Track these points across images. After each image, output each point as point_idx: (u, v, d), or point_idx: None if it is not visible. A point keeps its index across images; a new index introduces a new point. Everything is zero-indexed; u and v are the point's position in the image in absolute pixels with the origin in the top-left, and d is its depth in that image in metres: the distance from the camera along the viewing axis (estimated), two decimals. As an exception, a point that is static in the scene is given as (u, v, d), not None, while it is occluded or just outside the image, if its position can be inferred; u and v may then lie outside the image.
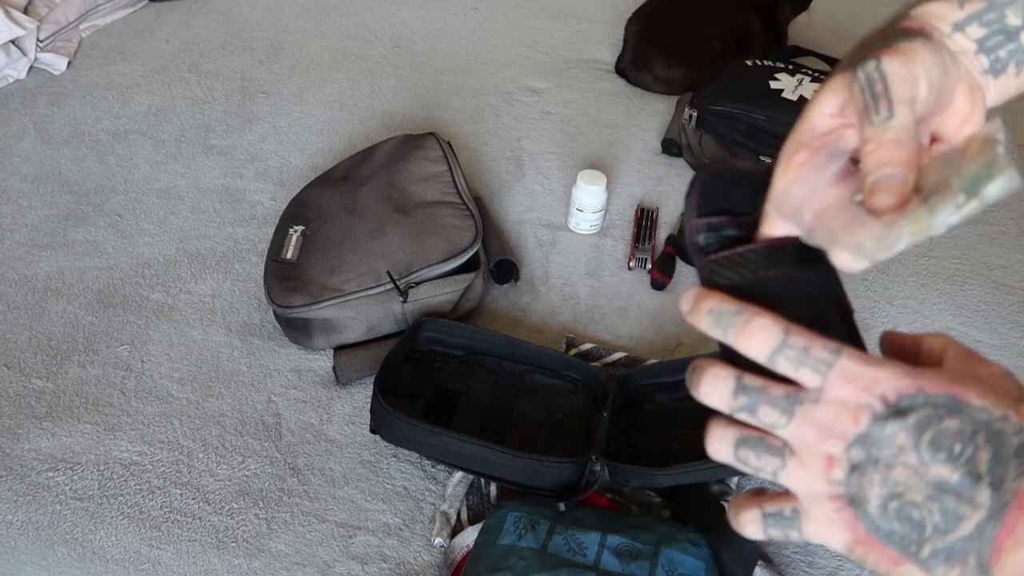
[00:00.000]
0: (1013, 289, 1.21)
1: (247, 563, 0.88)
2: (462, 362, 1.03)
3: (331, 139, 1.43)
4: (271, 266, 1.11)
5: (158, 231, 1.25)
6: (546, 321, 1.14)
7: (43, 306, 1.13)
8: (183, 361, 1.07)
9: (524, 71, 1.60)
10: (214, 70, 1.58)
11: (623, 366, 1.07)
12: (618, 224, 1.29)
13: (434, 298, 1.07)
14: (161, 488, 0.94)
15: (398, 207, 1.14)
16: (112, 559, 0.88)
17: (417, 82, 1.57)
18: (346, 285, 1.06)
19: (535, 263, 1.22)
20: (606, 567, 0.79)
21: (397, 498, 0.94)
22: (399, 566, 0.88)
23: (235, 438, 0.99)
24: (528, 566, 0.78)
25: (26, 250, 1.21)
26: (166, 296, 1.15)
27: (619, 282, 1.20)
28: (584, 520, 0.85)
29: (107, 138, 1.42)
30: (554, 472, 0.88)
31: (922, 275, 1.23)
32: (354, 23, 1.73)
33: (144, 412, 1.01)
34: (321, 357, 1.08)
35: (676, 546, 0.82)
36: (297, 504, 0.93)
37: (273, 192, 1.32)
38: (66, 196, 1.30)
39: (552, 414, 0.99)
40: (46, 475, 0.95)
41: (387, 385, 0.96)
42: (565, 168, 1.38)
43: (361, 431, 1.00)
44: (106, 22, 1.69)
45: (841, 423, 0.35)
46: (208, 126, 1.45)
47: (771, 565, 0.88)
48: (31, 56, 1.54)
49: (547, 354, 1.03)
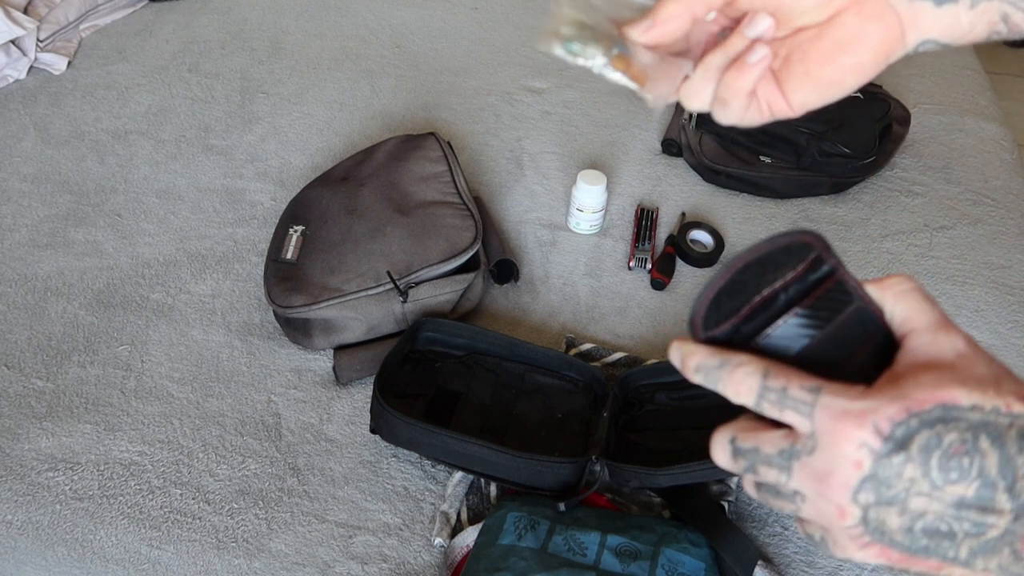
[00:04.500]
0: (1013, 289, 1.21)
1: (247, 563, 0.88)
2: (462, 362, 1.03)
3: (331, 139, 1.43)
4: (271, 266, 1.11)
5: (158, 231, 1.25)
6: (546, 321, 1.14)
7: (43, 306, 1.14)
8: (183, 361, 1.07)
9: (524, 71, 1.60)
10: (214, 70, 1.58)
11: (623, 366, 1.07)
12: (618, 224, 1.29)
13: (434, 298, 1.07)
14: (161, 488, 0.94)
15: (398, 207, 1.14)
16: (112, 559, 0.88)
17: (417, 82, 1.57)
18: (346, 285, 1.06)
19: (535, 263, 1.22)
20: (606, 567, 0.79)
21: (397, 498, 0.94)
22: (399, 566, 0.88)
23: (235, 438, 0.99)
24: (528, 566, 0.78)
25: (26, 250, 1.21)
26: (166, 296, 1.15)
27: (619, 282, 1.20)
28: (584, 520, 0.85)
29: (107, 138, 1.42)
30: (554, 472, 0.88)
31: (922, 275, 1.22)
32: (354, 23, 1.73)
33: (144, 412, 1.01)
34: (321, 357, 1.08)
35: (676, 546, 0.82)
36: (297, 504, 0.93)
37: (273, 192, 1.32)
38: (66, 196, 1.30)
39: (552, 414, 0.99)
40: (46, 475, 0.95)
41: (387, 385, 0.96)
42: (565, 168, 1.38)
43: (361, 431, 1.00)
44: (106, 22, 1.69)
45: (842, 470, 0.34)
46: (208, 126, 1.45)
47: (771, 565, 0.88)
48: (31, 56, 1.54)
49: (547, 354, 1.03)
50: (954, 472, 0.33)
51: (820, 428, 0.34)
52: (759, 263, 0.37)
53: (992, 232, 1.30)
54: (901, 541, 0.35)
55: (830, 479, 0.34)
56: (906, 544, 0.35)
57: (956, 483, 0.33)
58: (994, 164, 1.42)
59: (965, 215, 1.32)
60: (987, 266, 1.24)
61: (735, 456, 0.37)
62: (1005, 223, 1.31)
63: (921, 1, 0.39)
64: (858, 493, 0.34)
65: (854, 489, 0.34)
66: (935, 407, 0.33)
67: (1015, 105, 2.46)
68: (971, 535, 0.34)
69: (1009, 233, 1.30)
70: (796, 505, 0.37)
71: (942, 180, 1.38)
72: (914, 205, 1.33)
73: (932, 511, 0.34)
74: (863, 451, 0.33)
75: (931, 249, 1.27)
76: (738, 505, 0.94)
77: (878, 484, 0.34)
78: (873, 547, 0.35)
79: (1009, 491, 0.33)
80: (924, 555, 0.35)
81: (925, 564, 0.35)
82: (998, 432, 0.33)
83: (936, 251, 1.26)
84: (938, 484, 0.33)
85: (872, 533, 0.35)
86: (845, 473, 0.34)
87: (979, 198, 1.35)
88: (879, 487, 0.34)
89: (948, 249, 1.27)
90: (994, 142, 1.46)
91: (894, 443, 0.33)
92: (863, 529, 0.35)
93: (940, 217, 1.31)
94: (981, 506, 0.33)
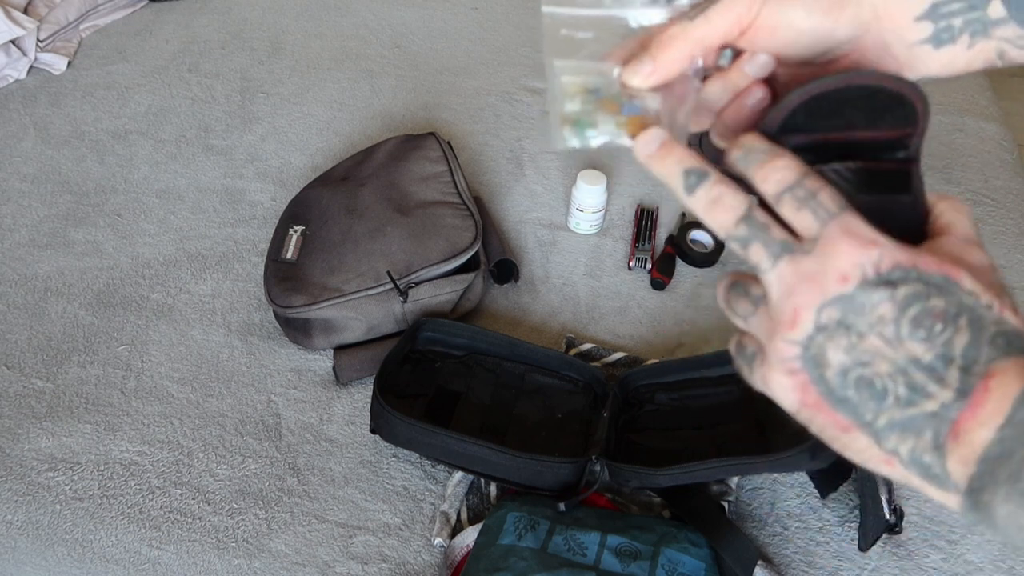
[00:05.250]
0: (1013, 289, 1.21)
1: (247, 563, 0.88)
2: (462, 362, 1.03)
3: (331, 139, 1.43)
4: (271, 266, 1.11)
5: (158, 231, 1.25)
6: (546, 321, 1.14)
7: (43, 306, 1.14)
8: (183, 361, 1.07)
9: (524, 71, 1.60)
10: (214, 70, 1.58)
11: (623, 366, 1.07)
12: (618, 224, 1.29)
13: (434, 298, 1.07)
14: (161, 488, 0.94)
15: (398, 207, 1.14)
16: (112, 559, 0.88)
17: (417, 82, 1.57)
18: (346, 285, 1.06)
19: (535, 263, 1.22)
20: (606, 567, 0.79)
21: (397, 498, 0.94)
22: (399, 566, 0.88)
23: (235, 438, 0.99)
24: (528, 566, 0.78)
25: (26, 250, 1.21)
26: (166, 296, 1.15)
27: (619, 282, 1.20)
28: (584, 520, 0.85)
29: (107, 138, 1.42)
30: (554, 472, 0.88)
31: (922, 275, 1.22)
32: (354, 23, 1.73)
33: (144, 412, 1.01)
34: (321, 357, 1.08)
35: (676, 546, 0.82)
36: (297, 504, 0.93)
37: (273, 192, 1.32)
38: (66, 196, 1.30)
39: (552, 414, 0.99)
40: (46, 475, 0.95)
41: (387, 385, 0.96)
42: (565, 168, 1.38)
43: (361, 431, 1.00)
44: (106, 22, 1.69)
45: (826, 278, 0.34)
46: (208, 126, 1.45)
47: (771, 565, 0.88)
48: (31, 56, 1.54)
49: (547, 354, 1.03)
50: (923, 331, 0.33)
51: (827, 235, 0.34)
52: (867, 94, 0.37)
53: (992, 232, 1.30)
54: (829, 381, 0.34)
55: (807, 282, 0.34)
56: (830, 388, 0.34)
57: (920, 341, 0.33)
58: (994, 164, 1.42)
59: (965, 215, 1.32)
60: (987, 266, 1.24)
61: (740, 222, 0.37)
62: (1005, 223, 1.31)
63: (920, 46, 0.40)
64: (825, 306, 0.34)
65: (824, 302, 0.34)
66: (941, 275, 0.34)
67: (1015, 105, 2.45)
68: (901, 403, 0.33)
69: (1009, 233, 1.30)
70: (752, 308, 0.37)
71: (942, 180, 1.38)
72: (914, 205, 1.33)
73: (881, 358, 0.33)
74: (855, 270, 0.34)
75: (931, 249, 1.26)
76: (738, 505, 0.94)
77: (849, 307, 0.34)
78: (797, 376, 0.35)
79: (963, 370, 0.32)
80: (840, 408, 0.34)
81: (834, 418, 0.35)
82: (981, 323, 0.33)
83: (936, 251, 1.26)
84: (902, 335, 0.33)
85: (805, 360, 0.35)
86: (826, 282, 0.34)
87: (979, 198, 1.35)
88: (847, 310, 0.34)
89: (948, 249, 1.26)
90: (994, 142, 1.46)
91: (884, 278, 0.33)
92: (799, 352, 0.35)
93: (940, 217, 1.31)
94: (930, 372, 0.33)
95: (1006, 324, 0.33)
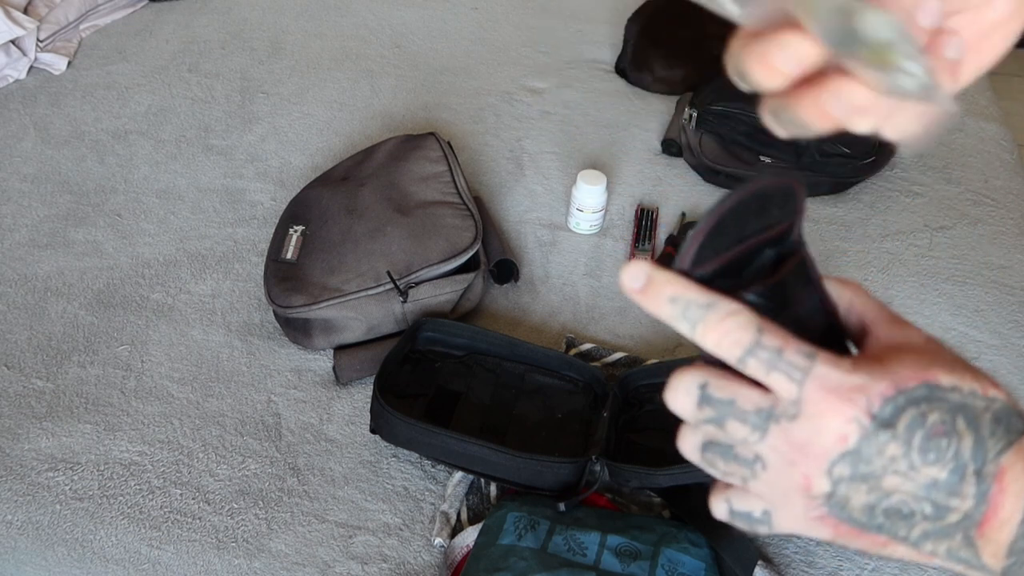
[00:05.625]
0: (1013, 289, 1.21)
1: (247, 563, 0.88)
2: (462, 362, 1.03)
3: (331, 139, 1.43)
4: (271, 266, 1.11)
5: (158, 231, 1.25)
6: (546, 321, 1.14)
7: (43, 306, 1.14)
8: (183, 361, 1.07)
9: (524, 71, 1.60)
10: (214, 70, 1.58)
11: (623, 366, 1.07)
12: (618, 224, 1.29)
13: (434, 298, 1.07)
14: (161, 488, 0.94)
15: (398, 207, 1.14)
16: (112, 559, 0.88)
17: (417, 82, 1.57)
18: (346, 285, 1.06)
19: (535, 263, 1.22)
20: (606, 567, 0.79)
21: (397, 498, 0.94)
22: (399, 566, 0.88)
23: (235, 438, 0.99)
24: (528, 566, 0.78)
25: (26, 250, 1.21)
26: (166, 296, 1.15)
27: (619, 282, 1.20)
28: (584, 520, 0.85)
29: (107, 138, 1.42)
30: (554, 472, 0.88)
31: (922, 275, 1.22)
32: (354, 23, 1.73)
33: (144, 412, 1.01)
34: (321, 357, 1.08)
35: (676, 546, 0.82)
36: (297, 504, 0.93)
37: (273, 192, 1.32)
38: (66, 196, 1.30)
39: (552, 414, 0.99)
40: (46, 475, 0.95)
41: (387, 385, 0.96)
42: (565, 168, 1.38)
43: (361, 431, 1.00)
44: (106, 22, 1.69)
45: (824, 442, 0.33)
46: (208, 126, 1.45)
47: (771, 565, 0.88)
48: (31, 56, 1.54)
49: (547, 354, 1.03)
50: (932, 453, 0.33)
51: (808, 397, 0.33)
52: (757, 198, 0.35)
53: (992, 232, 1.30)
54: (859, 518, 0.34)
55: (808, 448, 0.33)
56: (862, 521, 0.34)
57: (933, 464, 0.33)
58: (994, 164, 1.42)
59: (965, 215, 1.32)
60: (987, 266, 1.24)
61: (701, 404, 0.34)
62: (1005, 223, 1.31)
63: None
64: (834, 466, 0.33)
65: (831, 462, 0.33)
66: (920, 385, 0.33)
67: (1015, 105, 2.45)
68: (929, 518, 0.34)
69: (1009, 233, 1.30)
70: (750, 472, 0.35)
71: (942, 180, 1.38)
72: (914, 205, 1.33)
73: (902, 491, 0.33)
74: (852, 426, 0.33)
75: (931, 249, 1.27)
76: (738, 505, 0.94)
77: (858, 460, 0.33)
78: (827, 521, 0.35)
79: (977, 475, 0.33)
80: (874, 532, 0.34)
81: (871, 540, 0.35)
82: (974, 415, 0.33)
83: (936, 251, 1.26)
84: (916, 465, 0.33)
85: (832, 507, 0.34)
86: (826, 445, 0.33)
87: (979, 198, 1.35)
88: (858, 463, 0.33)
89: (948, 249, 1.27)
90: (994, 142, 1.46)
91: (882, 421, 0.33)
92: (823, 502, 0.34)
93: (940, 217, 1.31)
94: (949, 490, 0.33)
95: (995, 404, 0.34)
